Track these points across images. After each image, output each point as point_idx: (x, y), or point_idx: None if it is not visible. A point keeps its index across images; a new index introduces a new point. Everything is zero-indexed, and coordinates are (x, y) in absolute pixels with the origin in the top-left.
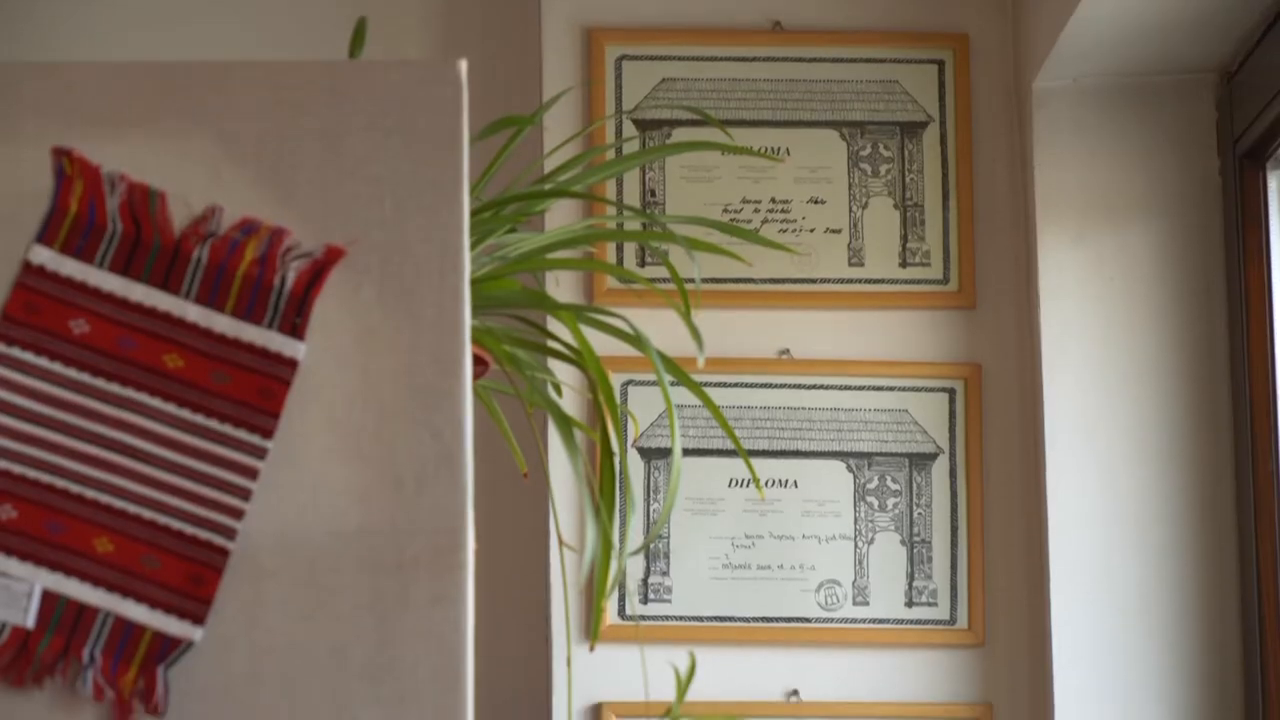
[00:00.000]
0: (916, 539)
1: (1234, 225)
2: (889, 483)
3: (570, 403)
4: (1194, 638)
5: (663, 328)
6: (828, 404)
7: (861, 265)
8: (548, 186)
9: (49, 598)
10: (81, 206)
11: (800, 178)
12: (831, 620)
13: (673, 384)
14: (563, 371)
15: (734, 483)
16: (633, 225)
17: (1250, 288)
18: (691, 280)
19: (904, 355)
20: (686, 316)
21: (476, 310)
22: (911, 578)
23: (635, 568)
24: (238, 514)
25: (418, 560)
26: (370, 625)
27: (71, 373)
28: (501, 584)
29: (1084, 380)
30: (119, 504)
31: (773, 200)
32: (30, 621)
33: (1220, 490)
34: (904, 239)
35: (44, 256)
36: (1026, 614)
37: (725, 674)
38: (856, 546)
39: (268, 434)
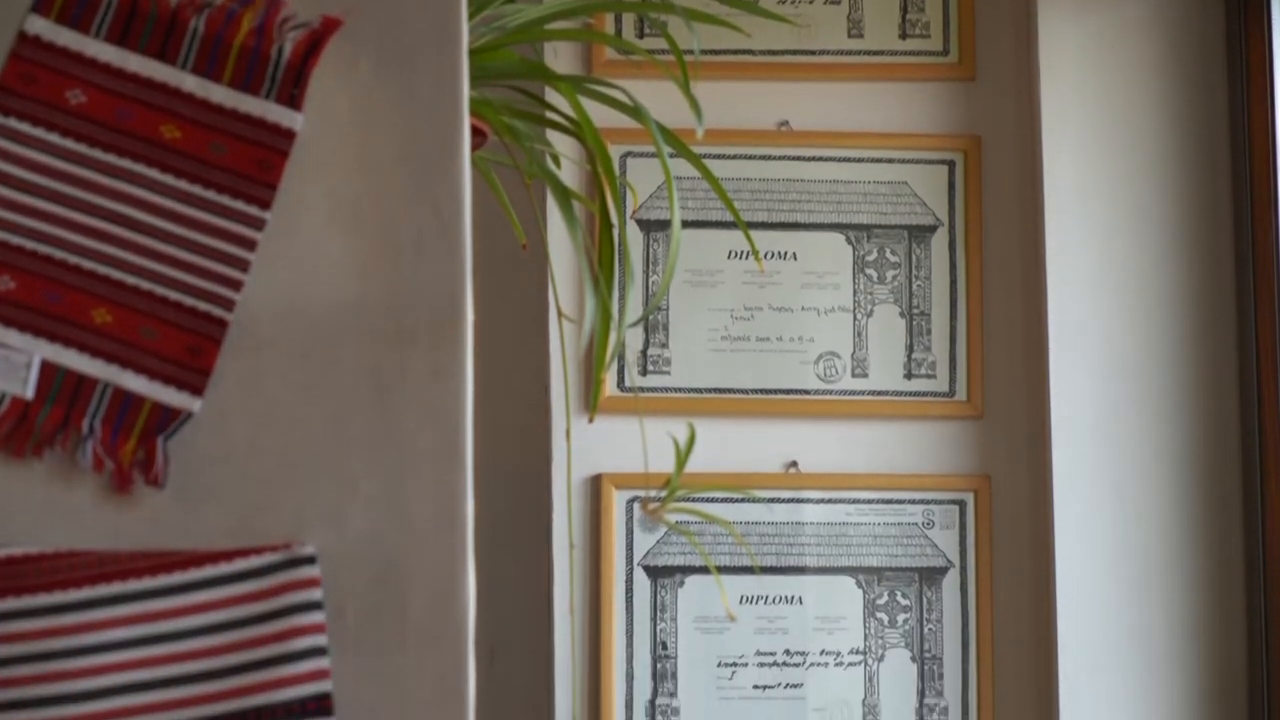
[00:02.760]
0: (915, 311)
1: None
2: (888, 255)
3: (569, 174)
4: (1191, 409)
5: (661, 100)
6: (827, 176)
7: (861, 37)
8: None
9: (48, 368)
10: None
11: None
12: (830, 392)
13: (671, 155)
14: (561, 143)
15: (733, 254)
16: None
17: (1252, 64)
18: (690, 51)
19: (903, 127)
20: (685, 88)
21: (474, 81)
22: (910, 350)
23: (634, 339)
24: (236, 285)
25: (417, 332)
26: (369, 396)
27: (68, 143)
28: (501, 356)
29: (1083, 152)
30: (117, 275)
31: None
32: (29, 392)
33: (1220, 260)
34: (903, 9)
35: (39, 26)
36: (1025, 386)
37: (724, 445)
38: (855, 319)
39: (265, 205)
